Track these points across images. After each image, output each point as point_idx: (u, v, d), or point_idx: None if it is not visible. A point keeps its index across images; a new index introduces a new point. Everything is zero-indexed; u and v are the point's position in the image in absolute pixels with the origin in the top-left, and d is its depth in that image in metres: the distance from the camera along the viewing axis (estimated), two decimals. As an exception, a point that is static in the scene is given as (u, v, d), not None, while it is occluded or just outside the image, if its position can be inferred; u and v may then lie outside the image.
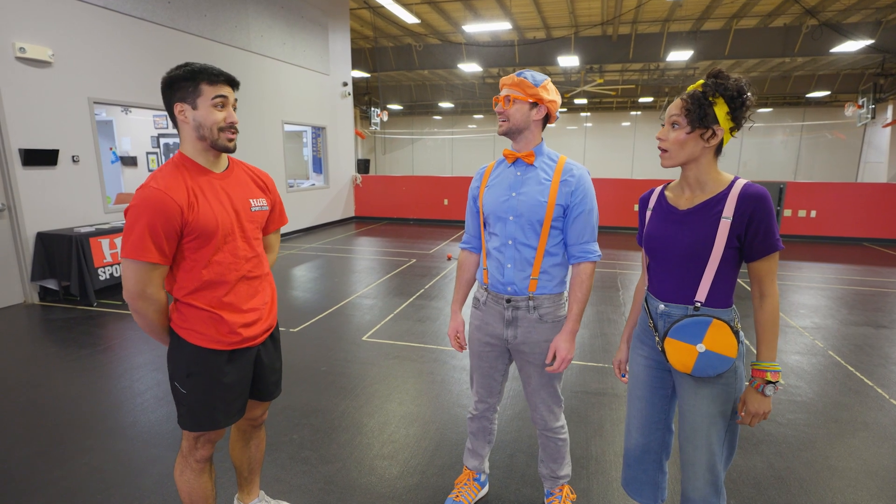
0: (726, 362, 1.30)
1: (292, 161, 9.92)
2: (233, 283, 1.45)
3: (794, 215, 8.41)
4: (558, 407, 1.77)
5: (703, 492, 1.39)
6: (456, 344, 1.83)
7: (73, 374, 3.15)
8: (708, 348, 1.30)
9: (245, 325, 1.48)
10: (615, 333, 3.88)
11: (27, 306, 4.58)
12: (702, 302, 1.34)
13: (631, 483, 1.61)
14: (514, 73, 1.61)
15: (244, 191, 1.51)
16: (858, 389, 2.98)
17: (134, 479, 2.12)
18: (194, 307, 1.42)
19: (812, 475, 2.17)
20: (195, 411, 1.45)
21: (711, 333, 1.30)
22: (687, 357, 1.33)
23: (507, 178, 1.65)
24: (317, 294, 4.99)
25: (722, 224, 1.29)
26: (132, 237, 1.29)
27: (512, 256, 1.63)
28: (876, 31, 9.81)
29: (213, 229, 1.38)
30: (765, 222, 1.26)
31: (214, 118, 1.37)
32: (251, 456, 1.78)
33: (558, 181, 1.58)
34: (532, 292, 1.63)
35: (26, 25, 4.45)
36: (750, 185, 1.28)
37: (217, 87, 1.37)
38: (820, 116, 18.81)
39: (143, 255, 1.29)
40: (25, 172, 4.51)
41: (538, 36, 12.56)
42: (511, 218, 1.61)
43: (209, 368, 1.44)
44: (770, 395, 1.30)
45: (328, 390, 2.95)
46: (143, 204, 1.29)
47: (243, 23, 7.10)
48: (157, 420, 2.60)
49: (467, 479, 1.99)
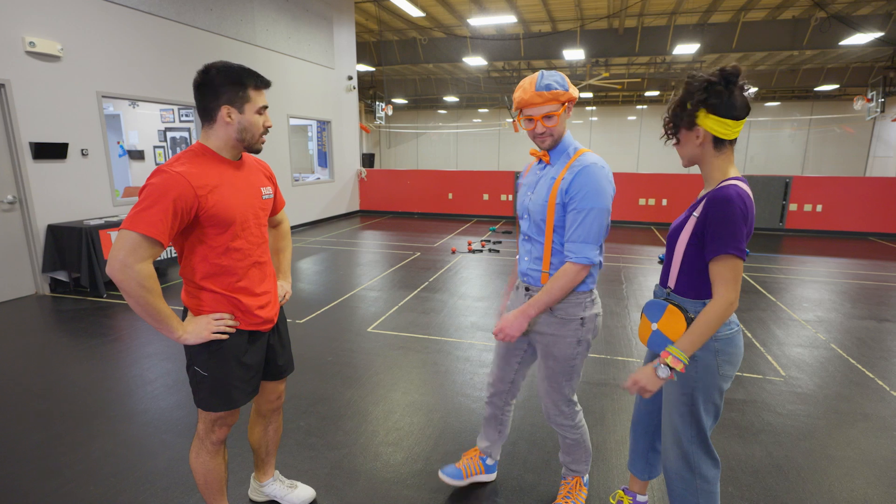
0: (667, 343, 1.40)
1: (297, 155, 9.97)
2: (246, 268, 1.51)
3: (800, 209, 8.37)
4: (565, 405, 1.76)
5: (675, 464, 1.51)
6: None
7: (84, 363, 3.22)
8: (659, 328, 1.43)
9: (261, 307, 1.56)
10: (618, 326, 3.91)
11: (38, 297, 4.67)
12: (671, 288, 1.46)
13: (630, 452, 1.79)
14: (529, 79, 1.51)
15: (257, 179, 1.58)
16: (859, 381, 3.00)
17: (146, 463, 2.18)
18: (211, 291, 1.47)
19: (810, 464, 2.20)
20: (216, 391, 1.51)
21: (666, 317, 1.41)
22: (645, 332, 1.49)
23: (533, 176, 1.71)
24: (323, 286, 5.04)
25: (690, 220, 1.39)
26: (143, 212, 1.27)
27: (528, 250, 1.70)
28: (886, 23, 9.69)
29: (231, 217, 1.43)
30: (715, 225, 1.29)
31: (258, 124, 1.45)
32: (269, 439, 1.86)
33: (560, 179, 1.56)
34: (544, 284, 1.65)
35: (36, 20, 4.51)
36: (721, 189, 1.31)
37: (261, 95, 1.46)
38: (828, 110, 18.63)
39: (149, 230, 1.26)
40: (36, 166, 4.58)
41: (544, 29, 12.50)
42: (525, 216, 1.69)
43: (229, 349, 1.50)
44: (661, 378, 1.37)
45: (334, 379, 3.00)
46: (163, 185, 1.30)
47: (249, 17, 7.13)
48: (167, 407, 2.67)
49: (473, 455, 2.05)
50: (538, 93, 1.49)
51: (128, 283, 1.27)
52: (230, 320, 1.48)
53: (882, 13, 9.92)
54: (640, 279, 5.36)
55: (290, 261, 1.86)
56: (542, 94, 1.48)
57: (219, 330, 1.45)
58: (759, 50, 11.10)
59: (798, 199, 8.37)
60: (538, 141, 1.59)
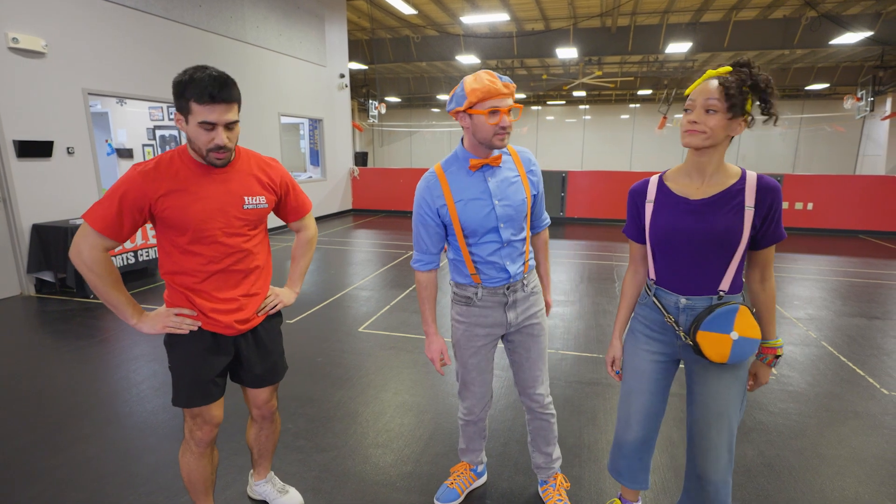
0: (755, 344, 1.34)
1: (289, 153, 9.89)
2: (206, 274, 1.49)
3: (791, 208, 8.41)
4: (547, 381, 1.83)
5: (724, 472, 1.42)
6: (440, 365, 1.73)
7: (69, 364, 3.16)
8: (740, 335, 1.32)
9: (218, 312, 1.51)
10: (610, 325, 3.90)
11: (23, 298, 4.59)
12: (725, 291, 1.36)
13: (625, 472, 1.63)
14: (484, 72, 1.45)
15: (241, 188, 1.50)
16: (850, 379, 3.01)
17: (129, 468, 2.14)
18: (170, 286, 1.52)
19: (802, 463, 2.20)
20: (176, 386, 1.53)
21: (739, 320, 1.31)
22: (723, 347, 1.32)
23: (476, 187, 1.55)
24: (313, 286, 5.00)
25: (747, 213, 1.30)
26: (97, 206, 1.36)
27: (509, 254, 1.63)
28: (875, 22, 9.76)
29: (185, 224, 1.42)
30: (779, 213, 1.32)
31: (201, 139, 1.37)
32: (261, 443, 1.84)
33: (524, 173, 1.62)
34: (525, 273, 1.69)
35: (19, 15, 4.42)
36: (764, 177, 1.32)
37: (205, 110, 1.31)
38: (819, 109, 18.76)
39: (95, 224, 1.35)
40: (20, 164, 4.50)
41: (536, 27, 12.49)
42: (502, 225, 1.58)
43: (187, 345, 1.51)
44: (774, 370, 1.35)
45: (324, 380, 2.96)
46: (118, 183, 1.38)
47: (239, 13, 7.05)
48: (153, 410, 2.62)
49: (463, 469, 2.00)
50: (505, 84, 1.43)
51: (80, 268, 1.37)
52: (189, 317, 1.49)
53: (871, 12, 9.99)
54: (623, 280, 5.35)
55: (302, 270, 1.78)
56: (507, 85, 1.43)
57: (174, 325, 1.47)
58: (750, 49, 11.15)
59: (789, 197, 8.41)
60: (496, 139, 1.47)
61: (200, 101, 1.30)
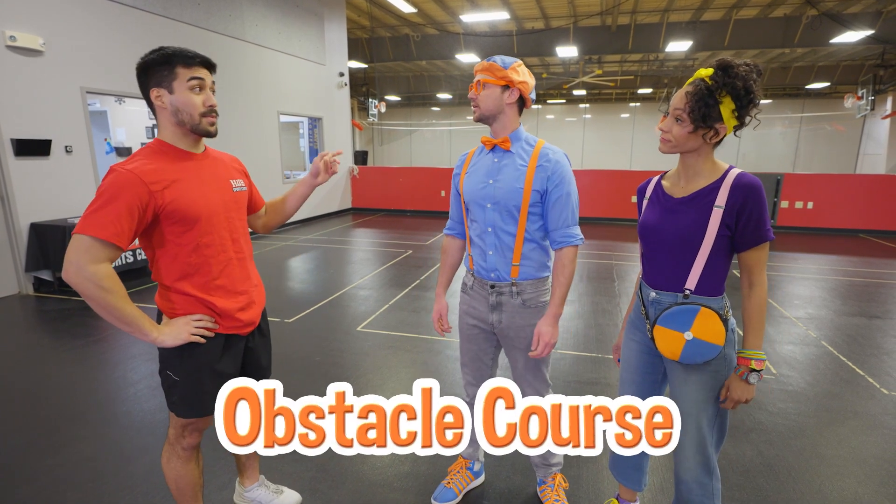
0: (713, 350, 1.31)
1: (289, 152, 9.86)
2: (222, 265, 1.44)
3: (791, 207, 8.40)
4: (546, 388, 1.78)
5: (695, 472, 1.42)
6: (438, 326, 1.85)
7: (67, 364, 3.15)
8: (695, 336, 1.31)
9: (241, 310, 1.49)
10: (609, 324, 3.89)
11: (21, 297, 4.58)
12: (692, 290, 1.35)
13: (617, 465, 1.67)
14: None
15: (225, 172, 1.50)
16: (849, 379, 3.00)
17: (126, 468, 2.13)
18: (183, 294, 1.40)
19: (801, 463, 2.19)
20: (187, 397, 1.45)
21: (699, 321, 1.30)
22: (675, 344, 1.34)
23: (486, 164, 1.65)
24: (312, 285, 4.99)
25: (714, 212, 1.29)
26: (93, 214, 1.22)
27: (493, 243, 1.63)
28: (876, 21, 9.73)
29: (196, 214, 1.36)
30: (756, 212, 1.26)
31: (193, 102, 1.34)
32: None
33: (534, 166, 1.58)
34: (514, 278, 1.64)
35: (17, 13, 4.40)
36: (743, 175, 1.28)
37: (192, 70, 1.34)
38: (819, 108, 18.73)
39: (100, 233, 1.21)
40: (18, 163, 4.48)
41: (537, 26, 12.46)
42: (489, 205, 1.62)
43: (203, 354, 1.43)
44: (753, 383, 1.31)
45: (322, 380, 2.95)
46: (113, 185, 1.24)
47: (237, 11, 7.03)
48: (150, 409, 2.61)
49: (460, 468, 2.00)
50: (481, 63, 1.58)
51: (85, 286, 1.21)
52: (210, 323, 1.42)
53: (872, 11, 9.96)
54: (631, 276, 5.34)
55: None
56: (482, 63, 1.58)
57: (198, 332, 1.39)
58: (750, 47, 11.14)
59: (789, 196, 8.40)
60: (473, 110, 1.61)
61: (190, 63, 1.33)
